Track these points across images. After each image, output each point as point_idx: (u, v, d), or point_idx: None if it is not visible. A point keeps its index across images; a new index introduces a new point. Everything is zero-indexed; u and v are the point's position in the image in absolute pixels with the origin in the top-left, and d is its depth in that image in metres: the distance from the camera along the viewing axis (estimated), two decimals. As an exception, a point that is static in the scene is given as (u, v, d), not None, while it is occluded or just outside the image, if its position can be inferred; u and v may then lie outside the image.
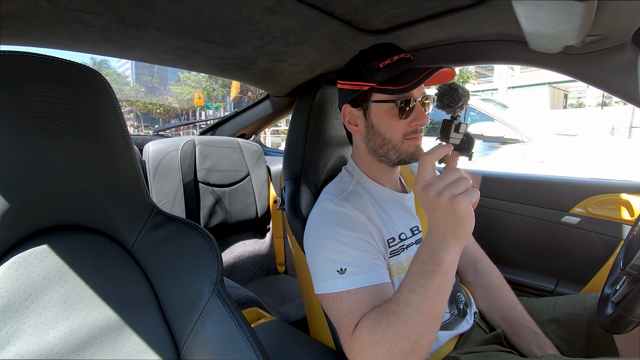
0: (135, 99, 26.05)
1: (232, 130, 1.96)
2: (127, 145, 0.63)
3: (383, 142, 0.76)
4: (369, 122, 0.77)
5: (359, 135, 0.80)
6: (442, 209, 0.52)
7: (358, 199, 0.76)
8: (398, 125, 0.74)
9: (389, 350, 0.55)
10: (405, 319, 0.55)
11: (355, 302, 0.64)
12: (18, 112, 0.51)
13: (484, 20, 0.87)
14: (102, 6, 0.69)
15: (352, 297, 0.64)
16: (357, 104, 0.78)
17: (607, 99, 13.19)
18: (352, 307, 0.63)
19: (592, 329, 0.80)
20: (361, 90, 0.75)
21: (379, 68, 0.73)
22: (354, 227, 0.70)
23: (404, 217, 0.81)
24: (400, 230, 0.78)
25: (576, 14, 0.60)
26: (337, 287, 0.65)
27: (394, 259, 0.75)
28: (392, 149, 0.76)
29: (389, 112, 0.74)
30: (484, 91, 14.18)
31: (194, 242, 0.63)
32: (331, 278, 0.66)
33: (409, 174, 0.95)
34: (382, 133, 0.76)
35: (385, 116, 0.75)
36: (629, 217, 1.13)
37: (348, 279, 0.65)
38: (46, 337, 0.50)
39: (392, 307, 0.57)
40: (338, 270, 0.66)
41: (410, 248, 0.79)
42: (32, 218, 0.55)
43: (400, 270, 0.76)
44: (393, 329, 0.55)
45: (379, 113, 0.75)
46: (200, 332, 0.58)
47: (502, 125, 3.44)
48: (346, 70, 0.80)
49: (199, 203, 1.57)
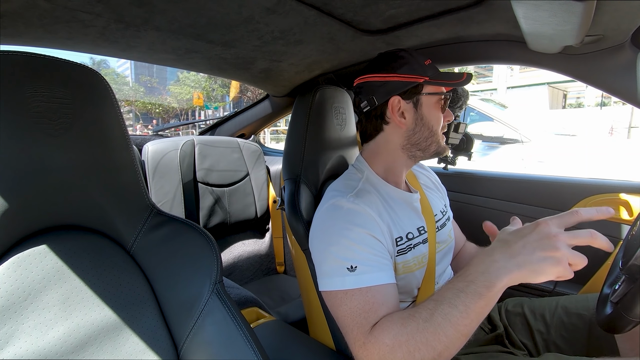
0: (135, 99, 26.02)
1: (232, 130, 1.96)
2: (127, 145, 0.63)
3: (430, 134, 0.80)
4: (419, 114, 0.79)
5: (404, 128, 0.80)
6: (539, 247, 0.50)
7: (368, 196, 0.75)
8: (441, 119, 0.81)
9: (410, 354, 0.56)
10: (437, 329, 0.54)
11: (368, 301, 0.64)
12: (17, 112, 0.50)
13: (483, 20, 0.87)
14: (101, 6, 0.69)
15: (365, 296, 0.64)
16: (408, 96, 0.78)
17: (606, 99, 13.20)
18: (365, 306, 0.63)
19: (594, 329, 0.81)
20: (415, 82, 0.77)
21: (425, 65, 0.78)
22: (365, 224, 0.70)
23: (411, 216, 0.81)
24: (408, 229, 0.78)
25: (575, 14, 0.60)
26: (345, 285, 0.65)
27: (400, 257, 0.75)
28: (435, 141, 0.81)
29: (437, 105, 0.80)
30: (483, 91, 14.19)
31: (194, 242, 0.63)
32: (340, 275, 0.66)
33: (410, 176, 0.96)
34: (430, 125, 0.79)
35: (434, 109, 0.80)
36: (628, 217, 1.13)
37: (358, 277, 0.65)
38: (45, 337, 0.50)
39: (423, 314, 0.57)
40: (348, 267, 0.65)
41: (417, 248, 0.78)
42: (31, 218, 0.54)
43: (407, 270, 0.76)
44: (421, 336, 0.55)
45: (430, 105, 0.79)
46: (200, 332, 0.58)
47: (502, 125, 3.45)
48: (388, 64, 0.79)
49: (198, 203, 1.57)
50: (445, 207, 0.96)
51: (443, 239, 0.87)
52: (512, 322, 0.91)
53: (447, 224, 0.92)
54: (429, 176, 1.02)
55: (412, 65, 0.78)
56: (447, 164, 1.51)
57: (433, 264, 0.81)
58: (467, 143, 1.47)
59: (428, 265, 0.80)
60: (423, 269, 0.79)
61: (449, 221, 0.93)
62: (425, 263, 0.79)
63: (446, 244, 0.88)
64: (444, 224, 0.90)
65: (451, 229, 0.94)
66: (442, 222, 0.89)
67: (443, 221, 0.90)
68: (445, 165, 1.51)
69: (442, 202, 0.96)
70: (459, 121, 1.38)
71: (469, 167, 1.58)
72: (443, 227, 0.88)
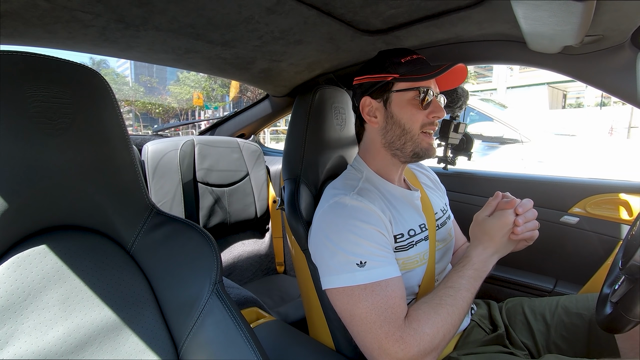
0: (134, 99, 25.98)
1: (232, 130, 1.96)
2: (126, 145, 0.63)
3: (402, 133, 0.78)
4: (389, 112, 0.78)
5: (377, 127, 0.81)
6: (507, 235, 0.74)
7: (370, 194, 0.76)
8: (418, 115, 0.77)
9: (444, 339, 0.64)
10: (461, 312, 0.66)
11: (390, 295, 0.65)
12: (17, 112, 0.50)
13: (482, 20, 0.87)
14: (101, 6, 0.69)
15: (385, 290, 0.65)
16: (377, 95, 0.79)
17: (605, 99, 13.21)
18: (389, 300, 0.64)
19: (594, 329, 0.81)
20: (383, 81, 0.77)
21: (400, 62, 0.77)
22: (371, 220, 0.70)
23: (412, 214, 0.82)
24: (410, 226, 0.79)
25: (575, 14, 0.60)
26: (356, 280, 0.65)
27: (402, 254, 0.76)
28: (409, 139, 0.78)
29: (410, 102, 0.77)
30: (483, 91, 14.19)
31: (193, 242, 0.63)
32: (349, 271, 0.66)
33: (410, 175, 0.96)
34: (402, 123, 0.77)
35: (406, 106, 0.77)
36: (628, 217, 1.13)
37: (369, 272, 0.65)
38: (45, 337, 0.50)
39: (449, 300, 0.66)
40: (357, 263, 0.66)
41: (419, 244, 0.79)
42: (30, 218, 0.54)
43: (407, 266, 0.76)
44: (451, 320, 0.65)
45: (401, 102, 0.77)
46: (200, 332, 0.58)
47: (501, 125, 3.45)
48: (365, 68, 0.82)
49: (198, 203, 1.57)
50: (446, 206, 0.97)
51: (443, 237, 0.87)
52: (512, 322, 0.91)
53: (448, 222, 0.92)
54: (429, 175, 1.02)
55: (383, 64, 0.78)
56: (447, 164, 1.51)
57: (433, 262, 0.81)
58: (467, 143, 1.47)
59: (428, 263, 0.80)
60: (424, 266, 0.79)
61: (449, 220, 0.94)
62: (426, 260, 0.80)
63: (446, 243, 0.88)
64: (445, 222, 0.90)
65: (451, 227, 0.94)
66: (442, 221, 0.89)
67: (443, 219, 0.90)
68: (445, 165, 1.51)
69: (442, 201, 0.96)
70: (458, 121, 1.38)
71: (468, 167, 1.58)
72: (443, 226, 0.88)
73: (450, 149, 1.47)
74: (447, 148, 1.47)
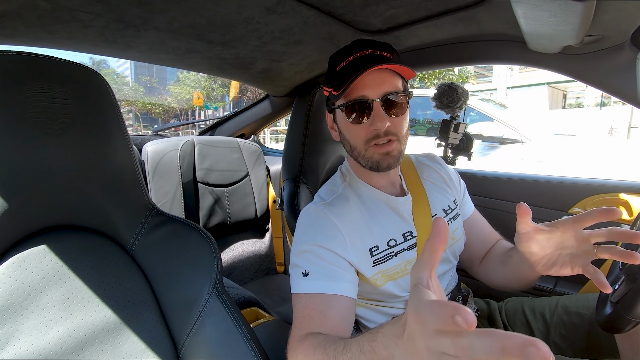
0: (134, 99, 26.02)
1: (231, 130, 1.96)
2: (126, 145, 0.63)
3: (351, 149, 0.74)
4: (339, 126, 0.77)
5: (338, 140, 0.80)
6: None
7: (344, 204, 0.74)
8: (357, 131, 0.70)
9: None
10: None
11: (308, 307, 0.65)
12: (17, 112, 0.50)
13: (483, 20, 0.87)
14: (101, 6, 0.69)
15: (307, 301, 0.66)
16: (329, 109, 0.78)
17: (605, 99, 13.21)
18: (304, 311, 0.65)
19: (594, 329, 0.81)
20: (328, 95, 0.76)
21: (335, 72, 0.70)
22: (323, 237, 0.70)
23: (396, 221, 0.76)
24: (390, 236, 0.74)
25: (575, 14, 0.60)
26: (297, 288, 0.68)
27: (379, 267, 0.72)
28: (358, 155, 0.73)
29: (345, 117, 0.71)
30: (483, 91, 14.19)
31: (193, 242, 0.63)
32: (296, 278, 0.69)
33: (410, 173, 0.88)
34: (347, 140, 0.74)
35: (344, 122, 0.72)
36: (628, 217, 1.13)
37: (307, 283, 0.67)
38: (45, 337, 0.50)
39: (331, 353, 0.54)
40: (302, 272, 0.68)
41: (400, 255, 0.74)
42: (30, 218, 0.54)
43: (388, 278, 0.73)
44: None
45: (342, 118, 0.73)
46: (200, 332, 0.58)
47: (501, 125, 3.45)
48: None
49: (198, 203, 1.57)
50: (455, 203, 0.86)
51: None
52: (512, 321, 0.91)
53: (451, 223, 0.83)
54: (439, 170, 0.91)
55: (329, 73, 0.74)
56: (447, 164, 1.51)
57: None
58: (467, 143, 1.47)
59: None
60: (407, 276, 0.74)
61: (454, 220, 0.84)
62: (408, 270, 0.75)
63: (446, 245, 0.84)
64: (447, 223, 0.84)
65: (456, 228, 0.85)
66: None
67: (446, 220, 0.83)
68: (445, 165, 1.51)
69: (448, 199, 0.85)
70: (458, 121, 1.38)
71: (468, 167, 1.58)
72: None
73: (450, 149, 1.47)
74: (447, 148, 1.47)
